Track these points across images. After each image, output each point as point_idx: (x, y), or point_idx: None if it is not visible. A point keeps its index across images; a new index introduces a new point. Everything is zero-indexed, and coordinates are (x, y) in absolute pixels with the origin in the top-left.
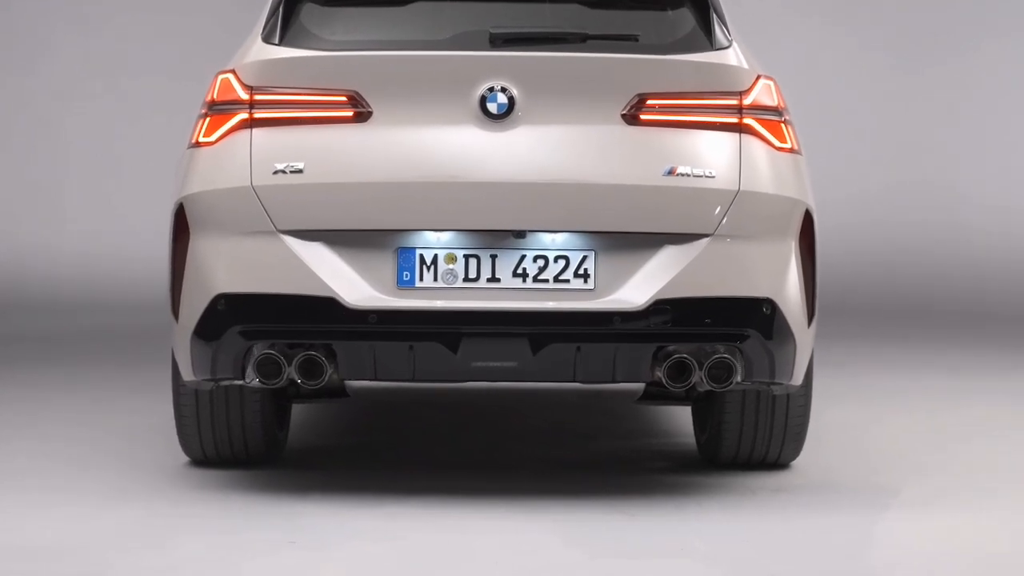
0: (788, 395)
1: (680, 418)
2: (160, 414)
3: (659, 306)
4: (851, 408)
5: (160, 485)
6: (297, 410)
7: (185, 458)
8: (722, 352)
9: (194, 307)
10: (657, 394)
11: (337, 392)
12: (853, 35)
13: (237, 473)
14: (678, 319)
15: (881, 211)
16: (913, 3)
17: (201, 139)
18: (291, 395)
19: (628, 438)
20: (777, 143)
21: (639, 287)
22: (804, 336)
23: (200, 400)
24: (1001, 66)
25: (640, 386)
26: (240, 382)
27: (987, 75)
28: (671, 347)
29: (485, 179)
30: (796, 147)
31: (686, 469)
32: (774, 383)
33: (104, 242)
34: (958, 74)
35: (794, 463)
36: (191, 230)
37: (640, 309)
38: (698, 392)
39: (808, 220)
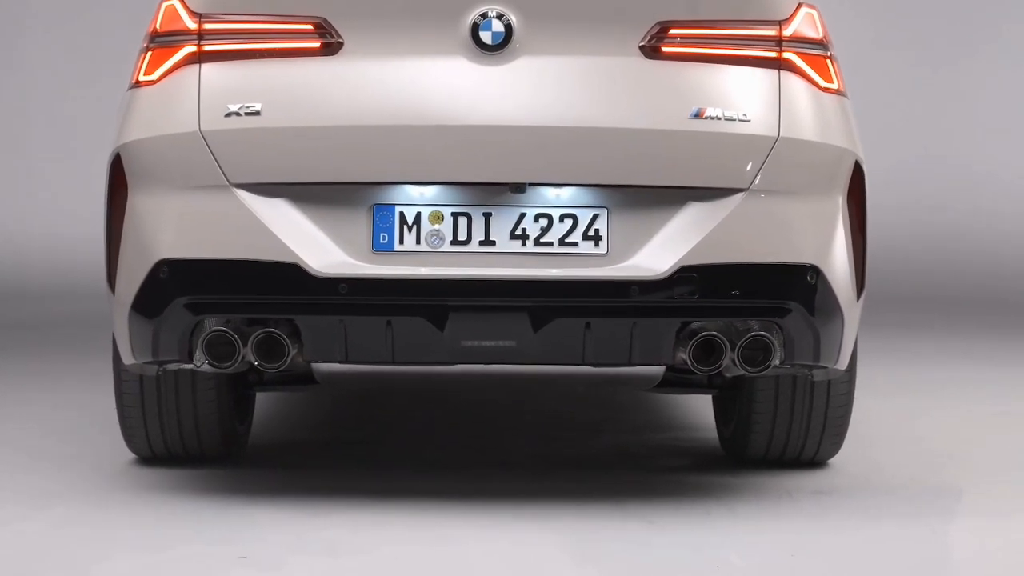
0: (829, 381)
1: (697, 409)
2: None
3: (684, 274)
4: (885, 399)
5: (92, 488)
6: (263, 400)
7: (130, 456)
8: (757, 329)
9: (132, 276)
10: (676, 380)
11: (304, 378)
12: (870, 27)
13: (187, 473)
14: (706, 290)
15: (894, 197)
16: None
17: (141, 77)
18: (252, 382)
19: (639, 432)
20: (822, 82)
21: (660, 252)
22: (852, 311)
23: (145, 388)
24: (1019, 50)
25: (659, 370)
26: (188, 365)
27: (1005, 59)
28: (697, 323)
29: (477, 122)
30: (842, 88)
31: (709, 468)
32: (817, 366)
33: (75, 229)
34: (974, 60)
35: (832, 461)
36: (129, 185)
37: (662, 278)
38: (724, 378)
39: (858, 173)
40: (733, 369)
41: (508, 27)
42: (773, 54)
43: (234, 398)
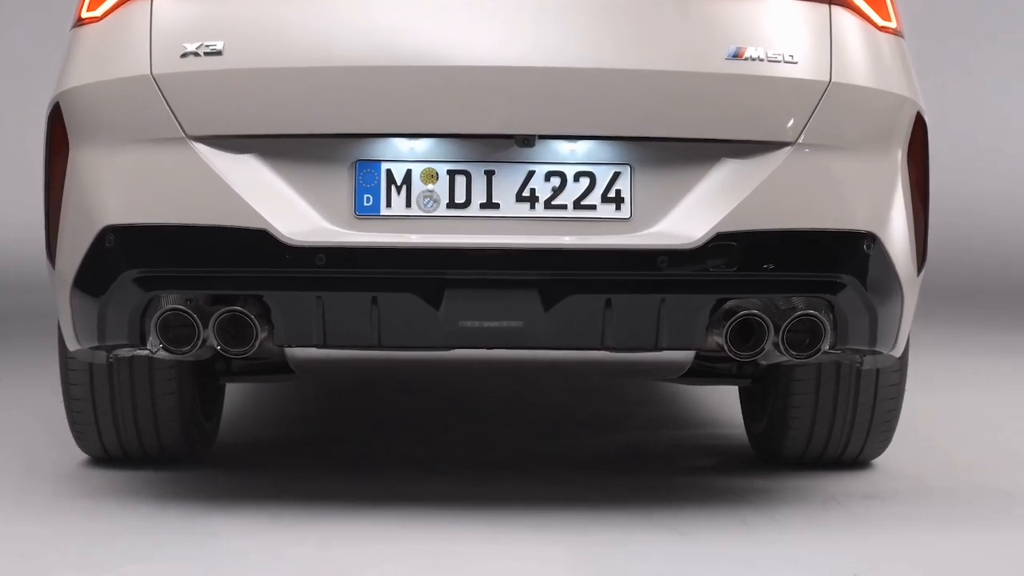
0: (877, 370)
1: (719, 402)
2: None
3: (720, 242)
4: (923, 393)
5: (34, 493)
6: (233, 393)
7: (82, 456)
8: (804, 308)
9: (74, 247)
10: (701, 370)
11: (279, 367)
12: None
13: (145, 475)
14: (747, 261)
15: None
16: None
17: (84, 14)
18: (220, 371)
19: (655, 428)
20: (878, 19)
21: (693, 216)
22: (912, 288)
23: (95, 378)
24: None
25: (686, 357)
26: (142, 351)
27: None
28: (733, 300)
29: (477, 63)
30: (900, 27)
31: (739, 469)
32: (872, 352)
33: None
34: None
35: (877, 461)
36: (70, 140)
37: (694, 247)
38: (758, 366)
39: (919, 126)
40: (774, 355)
41: None
42: None
43: (199, 390)
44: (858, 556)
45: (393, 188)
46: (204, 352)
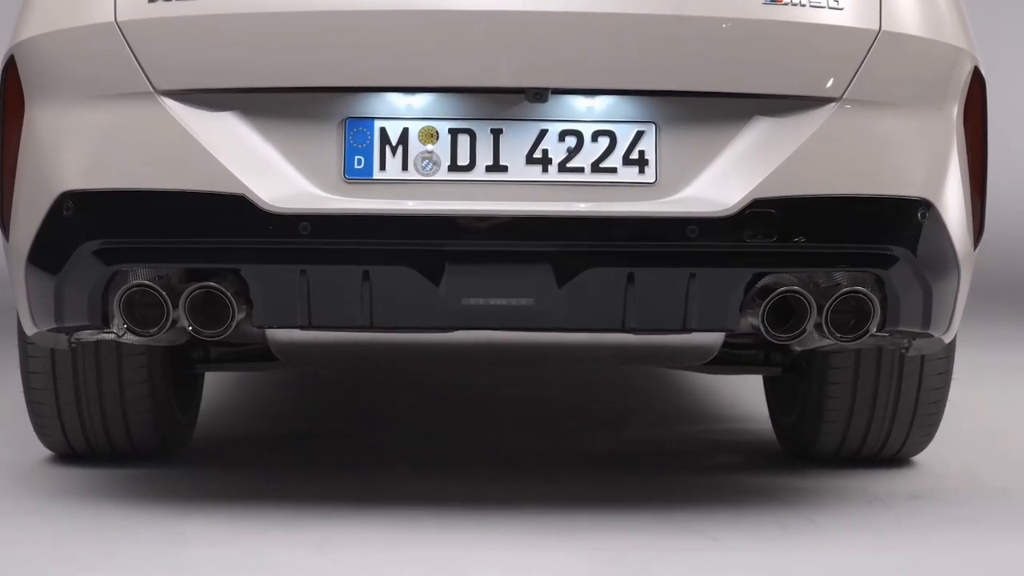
0: (922, 357)
1: (736, 394)
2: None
3: (758, 210)
4: (961, 387)
5: None
6: (212, 383)
7: (45, 453)
8: (849, 284)
9: (30, 216)
10: (726, 357)
11: (262, 353)
12: None
13: (113, 474)
14: (787, 231)
15: None
16: None
17: None
18: (197, 359)
19: (671, 424)
20: None
21: (726, 180)
22: (968, 264)
23: (58, 365)
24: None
25: (716, 340)
26: (107, 334)
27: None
28: (770, 276)
29: (483, 7)
30: None
31: (769, 466)
32: (923, 334)
33: None
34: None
35: (918, 458)
36: (26, 97)
37: (729, 215)
38: (789, 353)
39: (977, 82)
40: (812, 339)
41: None
42: None
43: (174, 379)
44: (914, 563)
45: (387, 149)
46: (177, 335)
